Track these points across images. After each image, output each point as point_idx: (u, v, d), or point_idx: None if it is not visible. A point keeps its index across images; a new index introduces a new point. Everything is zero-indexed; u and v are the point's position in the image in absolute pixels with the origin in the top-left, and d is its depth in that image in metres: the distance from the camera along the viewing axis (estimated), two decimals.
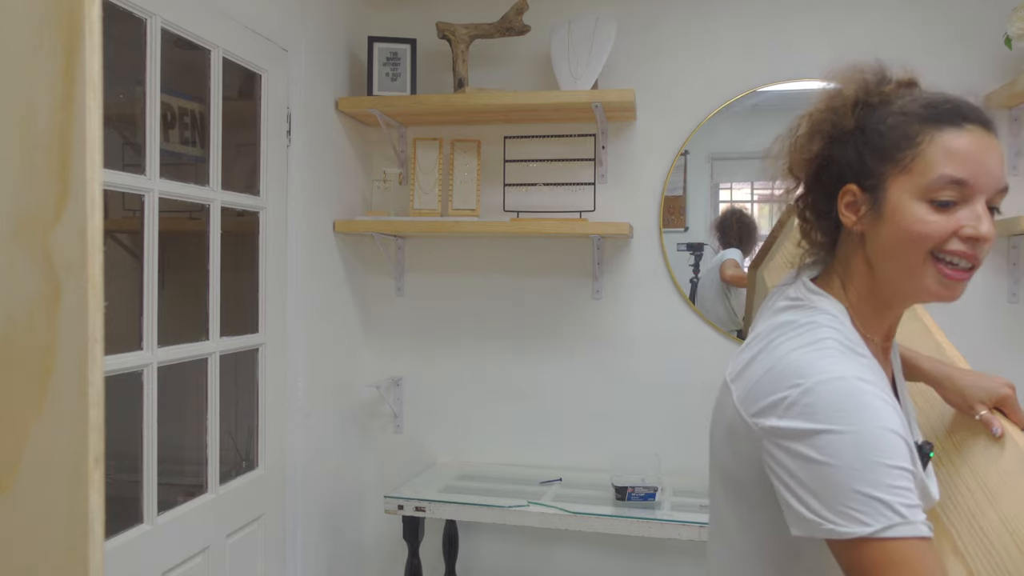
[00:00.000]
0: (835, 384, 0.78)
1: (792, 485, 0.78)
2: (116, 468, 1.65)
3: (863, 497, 0.73)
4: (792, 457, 0.78)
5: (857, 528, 0.72)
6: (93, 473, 0.61)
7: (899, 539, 0.71)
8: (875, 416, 0.76)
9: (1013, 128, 2.25)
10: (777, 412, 0.80)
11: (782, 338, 0.86)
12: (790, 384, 0.80)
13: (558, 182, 2.54)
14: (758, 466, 0.83)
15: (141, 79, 1.63)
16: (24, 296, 0.61)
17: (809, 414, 0.77)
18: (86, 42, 0.61)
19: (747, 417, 0.84)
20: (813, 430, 0.76)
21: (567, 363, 2.56)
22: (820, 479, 0.75)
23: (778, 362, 0.83)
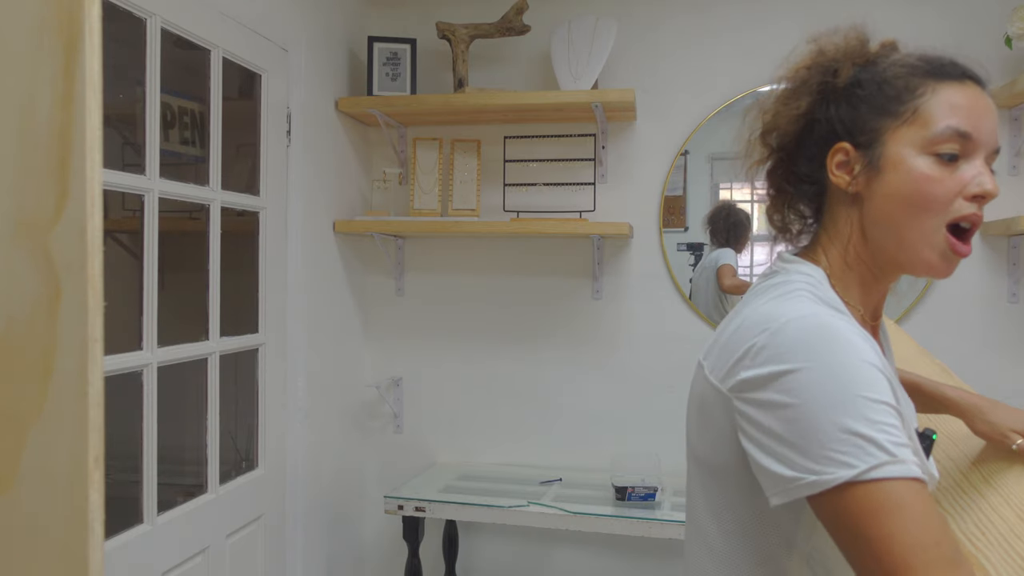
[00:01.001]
0: (805, 321, 0.71)
1: (765, 442, 0.69)
2: (116, 468, 1.65)
3: (843, 435, 0.64)
4: (762, 409, 0.70)
5: (840, 472, 0.63)
6: (93, 473, 0.61)
7: (888, 479, 0.62)
8: (850, 348, 0.69)
9: (1013, 128, 2.25)
10: (744, 363, 0.73)
11: (751, 302, 0.82)
12: (758, 331, 0.73)
13: (558, 182, 2.54)
14: (735, 443, 0.75)
15: (141, 79, 1.63)
16: (24, 296, 0.61)
17: (777, 356, 0.70)
18: (86, 42, 0.61)
19: (717, 384, 0.77)
20: (781, 371, 0.69)
21: (567, 363, 2.55)
22: (793, 425, 0.66)
23: (745, 319, 0.77)
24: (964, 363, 2.30)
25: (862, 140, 0.81)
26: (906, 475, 0.63)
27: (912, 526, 0.62)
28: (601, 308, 2.54)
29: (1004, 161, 2.27)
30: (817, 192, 0.88)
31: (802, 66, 0.86)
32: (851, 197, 0.83)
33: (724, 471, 0.78)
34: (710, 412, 0.79)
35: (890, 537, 0.62)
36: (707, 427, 0.80)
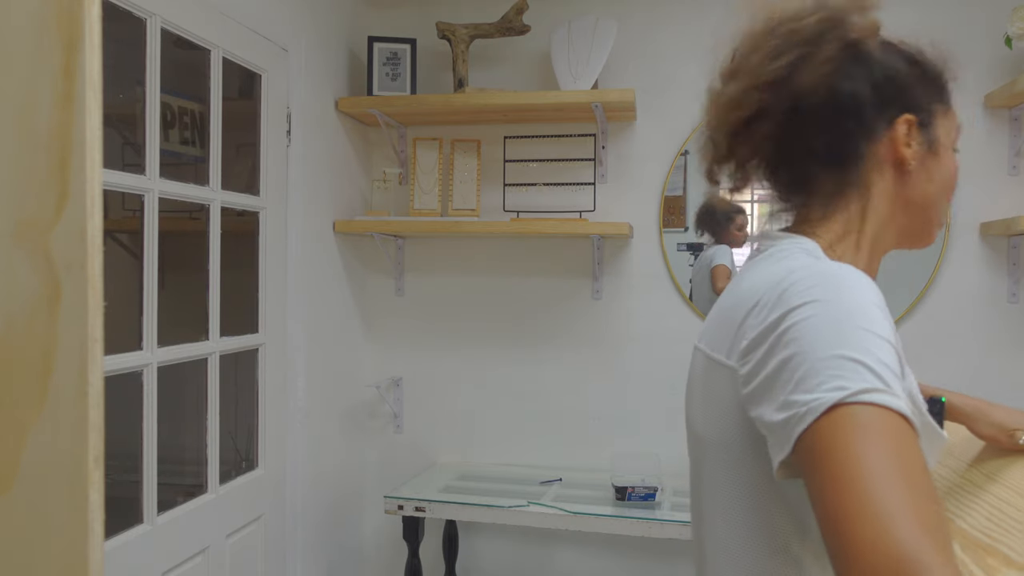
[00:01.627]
0: (809, 268, 0.68)
1: (767, 395, 0.64)
2: (116, 468, 1.65)
3: (839, 360, 0.59)
4: (765, 360, 0.65)
5: (831, 394, 0.57)
6: (93, 473, 0.61)
7: (880, 406, 0.56)
8: (856, 288, 0.64)
9: (1013, 128, 2.25)
10: (749, 324, 0.69)
11: (747, 276, 0.77)
12: (761, 293, 0.69)
13: (558, 182, 2.54)
14: (743, 422, 0.69)
15: (141, 79, 1.63)
16: (24, 296, 0.61)
17: (781, 303, 0.66)
18: (86, 41, 0.61)
19: (722, 360, 0.73)
20: (782, 315, 0.64)
21: (567, 363, 2.55)
22: (793, 365, 0.61)
23: (743, 291, 0.74)
24: (964, 363, 2.31)
25: (923, 118, 0.78)
26: (900, 410, 0.56)
27: (895, 463, 0.54)
28: (601, 308, 2.54)
29: (1004, 161, 2.27)
30: (842, 164, 0.79)
31: (814, 15, 0.77)
32: (895, 173, 0.79)
33: (733, 454, 0.72)
34: (716, 392, 0.74)
35: (868, 474, 0.53)
36: (713, 408, 0.75)
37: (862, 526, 0.51)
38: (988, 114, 2.27)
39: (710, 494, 0.77)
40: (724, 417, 0.73)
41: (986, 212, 2.26)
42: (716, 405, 0.74)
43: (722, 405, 0.73)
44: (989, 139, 2.27)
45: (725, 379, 0.72)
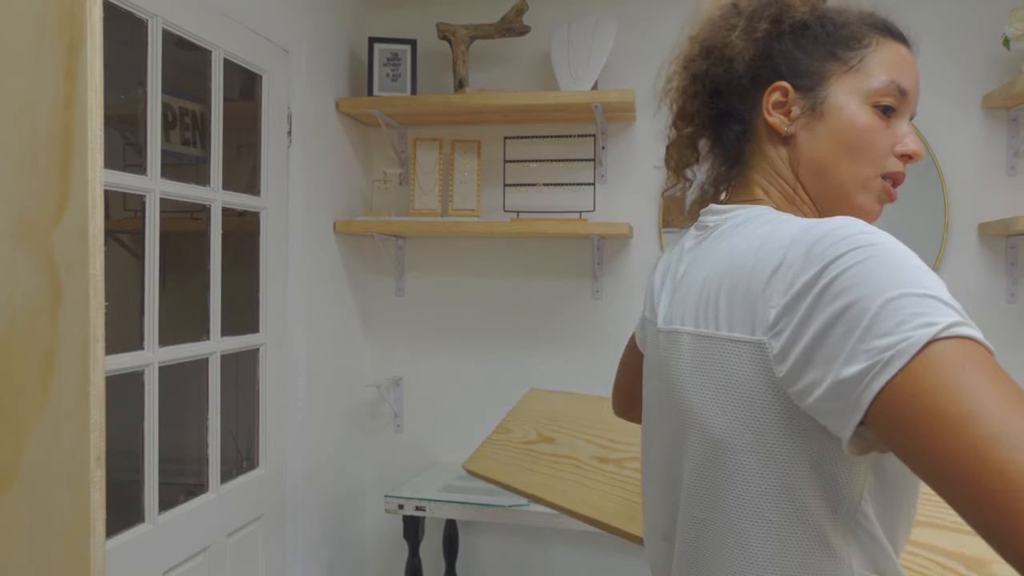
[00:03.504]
0: (832, 221, 0.64)
1: (825, 353, 0.58)
2: (117, 468, 1.66)
3: (913, 298, 0.55)
4: (817, 317, 0.59)
5: (921, 331, 0.53)
6: (94, 472, 0.61)
7: (971, 338, 0.54)
8: (885, 233, 0.62)
9: (1011, 129, 2.25)
10: (775, 288, 0.64)
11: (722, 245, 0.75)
12: (778, 252, 0.65)
13: (558, 182, 2.55)
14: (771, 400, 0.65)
15: (142, 80, 1.63)
16: (26, 296, 0.62)
17: (815, 258, 0.61)
18: (87, 43, 0.61)
19: (738, 336, 0.67)
20: (819, 270, 0.60)
21: (567, 363, 2.56)
22: (852, 319, 0.57)
23: (740, 256, 0.70)
24: None
25: (804, 83, 0.79)
26: (982, 340, 0.55)
27: (1009, 388, 0.52)
28: (601, 308, 2.54)
29: (1002, 162, 2.27)
30: (742, 132, 0.83)
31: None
32: (781, 138, 0.80)
33: (761, 439, 0.66)
34: (730, 374, 0.68)
35: (993, 404, 0.50)
36: (729, 393, 0.69)
37: (1010, 454, 0.47)
38: (986, 115, 2.28)
39: (723, 487, 0.70)
40: (748, 401, 0.66)
41: (984, 212, 2.27)
42: (734, 389, 0.68)
43: (744, 388, 0.67)
44: (987, 140, 2.28)
45: (745, 357, 0.66)
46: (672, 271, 0.86)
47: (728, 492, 0.69)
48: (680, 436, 0.76)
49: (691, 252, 0.82)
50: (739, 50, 0.80)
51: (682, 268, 0.82)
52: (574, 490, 1.82)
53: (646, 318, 0.94)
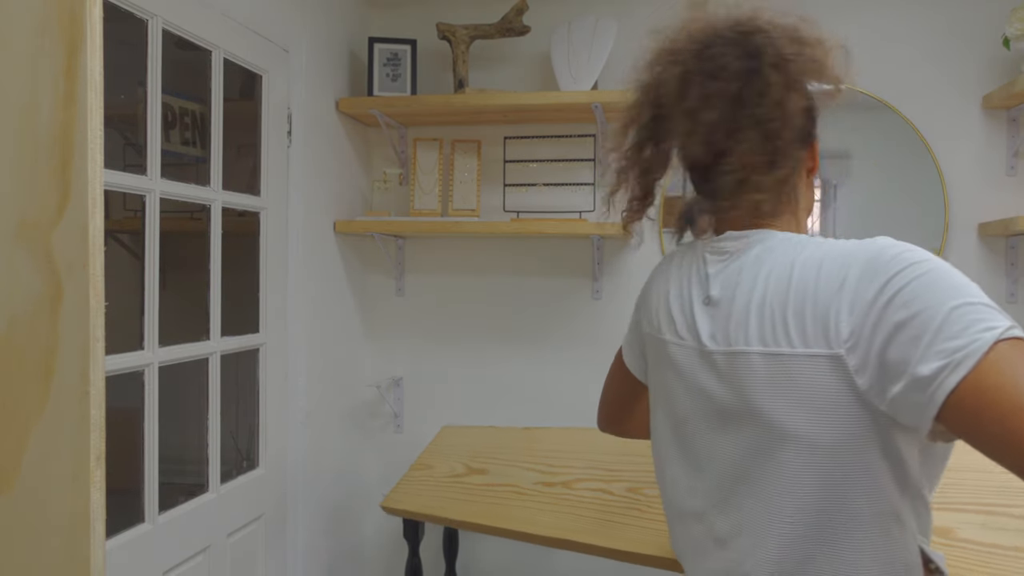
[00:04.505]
0: (878, 241, 0.76)
1: (901, 356, 0.68)
2: (117, 467, 1.65)
3: (973, 307, 0.67)
4: (887, 326, 0.70)
5: (987, 335, 0.64)
6: (94, 472, 0.61)
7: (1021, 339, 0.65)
8: (936, 256, 0.74)
9: (1011, 129, 2.25)
10: (841, 306, 0.73)
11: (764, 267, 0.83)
12: (837, 273, 0.75)
13: (558, 182, 2.55)
14: (850, 403, 0.74)
15: (142, 80, 1.63)
16: (26, 296, 0.62)
17: (875, 275, 0.72)
18: (87, 43, 0.61)
19: (812, 351, 0.75)
20: (882, 285, 0.71)
21: (567, 363, 2.56)
22: (922, 324, 0.67)
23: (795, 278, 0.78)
24: None
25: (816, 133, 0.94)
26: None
27: None
28: (601, 308, 2.54)
29: (1002, 162, 2.27)
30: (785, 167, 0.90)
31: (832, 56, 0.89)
32: (808, 178, 0.95)
33: (844, 443, 0.75)
34: (809, 385, 0.75)
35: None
36: (810, 402, 0.76)
37: None
38: (986, 115, 2.28)
39: (815, 486, 0.77)
40: (834, 409, 0.74)
41: (984, 212, 2.27)
42: (818, 400, 0.75)
43: (828, 397, 0.74)
44: (987, 140, 2.28)
45: (825, 369, 0.74)
46: (693, 294, 0.91)
47: (821, 490, 0.76)
48: (757, 446, 0.81)
49: (719, 276, 0.88)
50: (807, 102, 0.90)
51: (715, 292, 0.87)
52: (521, 514, 1.84)
53: (656, 337, 0.98)
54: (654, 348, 1.00)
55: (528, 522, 1.80)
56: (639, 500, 1.78)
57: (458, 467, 2.13)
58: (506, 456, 2.10)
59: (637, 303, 1.11)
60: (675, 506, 0.95)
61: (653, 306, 1.00)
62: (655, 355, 1.00)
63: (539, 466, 2.02)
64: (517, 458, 2.08)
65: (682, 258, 0.98)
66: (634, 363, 1.13)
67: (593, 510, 1.79)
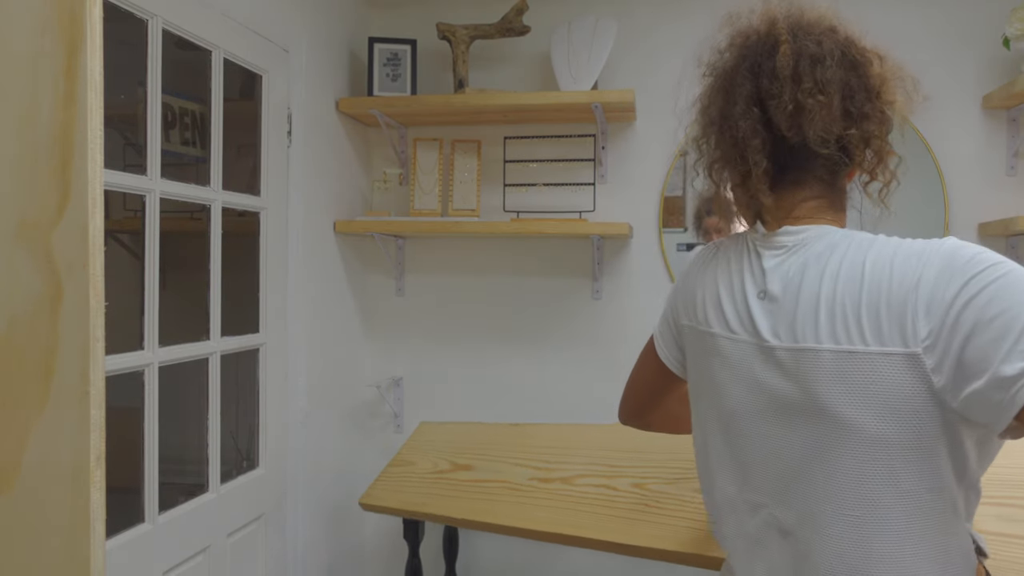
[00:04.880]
0: (950, 241, 0.78)
1: (982, 355, 0.70)
2: (117, 467, 1.65)
3: None
4: (955, 332, 0.72)
5: None
6: (94, 472, 0.61)
7: None
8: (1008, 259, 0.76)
9: (1011, 129, 2.26)
10: (919, 306, 0.75)
11: (832, 263, 0.84)
12: (913, 272, 0.77)
13: (558, 182, 2.55)
14: (925, 402, 0.76)
15: (142, 80, 1.63)
16: (26, 296, 0.62)
17: (954, 275, 0.74)
18: (87, 43, 0.61)
19: (888, 349, 0.76)
20: (962, 285, 0.73)
21: (567, 363, 2.56)
22: (1007, 324, 0.69)
23: (868, 276, 0.79)
24: None
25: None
26: None
27: None
28: (601, 308, 2.54)
29: (1002, 162, 2.27)
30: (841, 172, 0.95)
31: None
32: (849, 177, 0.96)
33: (913, 441, 0.77)
34: (882, 383, 0.77)
35: None
36: (882, 399, 0.77)
37: None
38: (986, 115, 2.28)
39: (881, 479, 0.79)
40: (907, 407, 0.76)
41: (984, 212, 2.27)
42: (891, 397, 0.77)
43: (902, 395, 0.76)
44: (987, 140, 2.28)
45: (901, 368, 0.76)
46: (746, 288, 0.91)
47: (885, 483, 0.79)
48: (822, 441, 0.83)
49: (777, 271, 0.88)
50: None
51: (773, 287, 0.87)
52: (516, 511, 1.80)
53: (699, 330, 0.98)
54: (697, 341, 1.00)
55: (524, 518, 1.76)
56: (647, 496, 1.72)
57: (442, 463, 2.09)
58: (494, 452, 2.07)
59: (672, 295, 1.11)
60: (724, 498, 0.96)
61: (697, 298, 0.99)
62: (698, 348, 1.00)
63: (533, 462, 1.98)
64: (506, 454, 2.05)
65: (728, 251, 0.97)
66: (668, 355, 1.12)
67: (599, 506, 1.76)
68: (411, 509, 1.95)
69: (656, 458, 1.81)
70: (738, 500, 0.94)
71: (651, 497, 1.72)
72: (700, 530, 1.58)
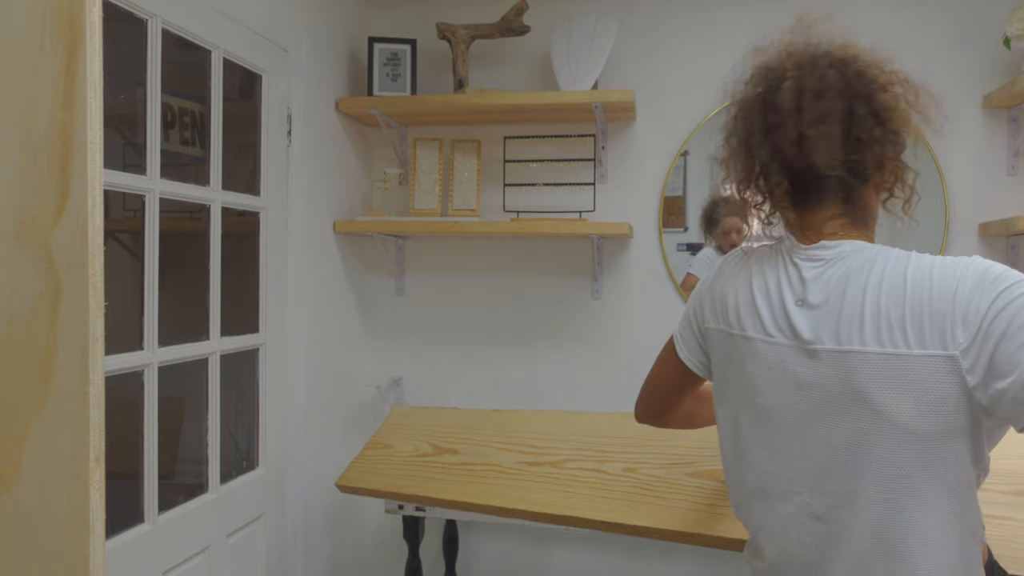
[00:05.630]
0: (977, 259, 0.90)
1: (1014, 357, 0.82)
2: (117, 468, 1.66)
3: None
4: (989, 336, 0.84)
5: None
6: (94, 472, 0.61)
7: None
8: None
9: (1012, 128, 2.26)
10: (956, 314, 0.86)
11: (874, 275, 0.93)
12: (951, 284, 0.88)
13: (558, 182, 2.55)
14: (958, 399, 0.87)
15: (142, 79, 1.63)
16: (25, 296, 0.62)
17: (987, 289, 0.86)
18: (87, 42, 0.61)
19: (934, 352, 0.87)
20: (994, 297, 0.85)
21: (567, 363, 2.56)
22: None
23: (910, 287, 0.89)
24: None
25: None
26: None
27: None
28: (601, 308, 2.54)
29: (1002, 162, 2.27)
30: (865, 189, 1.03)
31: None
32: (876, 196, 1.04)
33: (945, 431, 0.88)
34: (920, 381, 0.87)
35: None
36: (920, 397, 0.88)
37: None
38: (987, 115, 2.28)
39: (915, 466, 0.90)
40: (944, 403, 0.87)
41: (985, 212, 2.27)
42: (930, 395, 0.88)
43: (940, 393, 0.87)
44: (988, 140, 2.28)
45: (941, 369, 0.87)
46: (784, 296, 1.00)
47: (920, 470, 0.90)
48: (860, 433, 0.92)
49: (818, 281, 0.97)
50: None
51: (815, 296, 0.96)
52: (510, 492, 1.76)
53: (731, 333, 1.06)
54: (726, 343, 1.07)
55: (520, 499, 1.71)
56: (640, 480, 1.71)
57: (423, 447, 2.02)
58: (477, 437, 2.01)
59: (697, 299, 1.16)
60: (756, 487, 1.04)
61: (729, 303, 1.06)
62: (728, 350, 1.07)
63: (519, 447, 1.93)
64: (491, 439, 1.99)
65: (761, 260, 1.06)
66: (691, 357, 1.18)
67: (593, 489, 1.71)
68: (395, 491, 1.88)
69: (643, 444, 1.79)
70: (771, 489, 1.01)
71: (644, 482, 1.71)
72: (700, 511, 1.58)
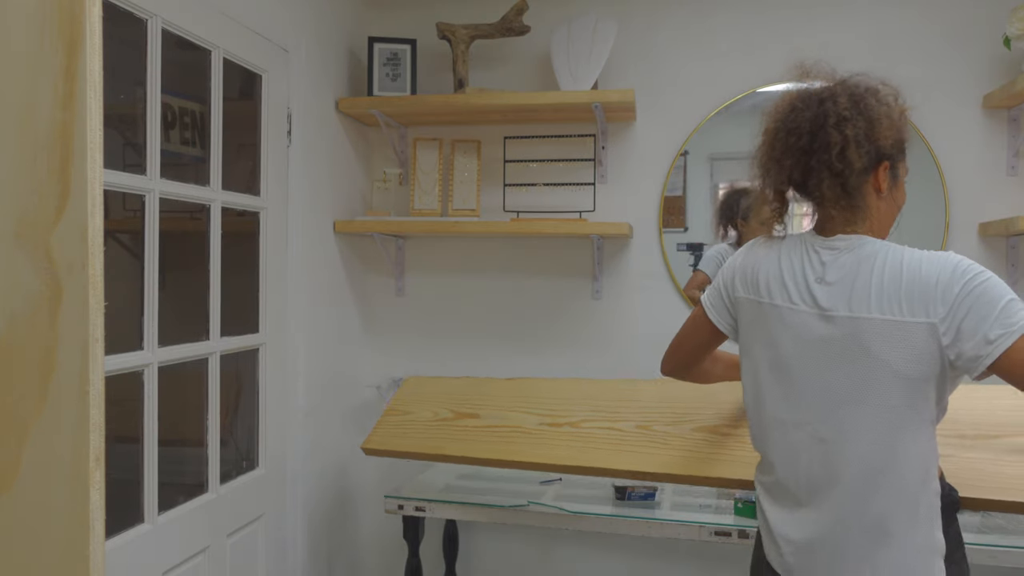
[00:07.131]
0: (952, 254, 1.19)
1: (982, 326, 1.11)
2: (116, 468, 1.65)
3: (1017, 303, 1.12)
4: (958, 314, 1.13)
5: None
6: (94, 473, 0.61)
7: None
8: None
9: (1012, 128, 2.25)
10: (938, 294, 1.15)
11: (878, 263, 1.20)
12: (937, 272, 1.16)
13: (558, 182, 2.55)
14: (934, 355, 1.15)
15: (142, 79, 1.63)
16: (25, 296, 0.62)
17: (959, 277, 1.14)
18: (87, 42, 0.61)
19: (922, 320, 1.15)
20: (964, 284, 1.14)
21: (567, 363, 2.56)
22: (987, 310, 1.12)
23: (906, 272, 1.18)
24: None
25: (891, 164, 1.28)
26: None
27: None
28: (601, 308, 2.54)
29: (1002, 162, 2.27)
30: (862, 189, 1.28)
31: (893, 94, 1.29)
32: (878, 195, 1.29)
33: (922, 375, 1.17)
34: (913, 342, 1.16)
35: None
36: (912, 352, 1.16)
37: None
38: (987, 114, 2.28)
39: (903, 402, 1.19)
40: (926, 356, 1.16)
41: (985, 212, 2.27)
42: (916, 350, 1.16)
43: (923, 349, 1.16)
44: (988, 139, 2.28)
45: (924, 332, 1.16)
46: (807, 274, 1.27)
47: (902, 405, 1.19)
48: (864, 376, 1.21)
49: (834, 264, 1.25)
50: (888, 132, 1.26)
51: (832, 276, 1.24)
52: (536, 450, 1.86)
53: (759, 302, 1.33)
54: (753, 309, 1.34)
55: (546, 455, 1.83)
56: (653, 435, 1.84)
57: (443, 412, 2.07)
58: (496, 403, 2.06)
59: (728, 273, 1.43)
60: (773, 419, 1.31)
61: (760, 277, 1.33)
62: (755, 314, 1.34)
63: (538, 410, 2.00)
64: (509, 404, 2.04)
65: (789, 247, 1.32)
66: (721, 320, 1.45)
67: (611, 444, 1.84)
68: (424, 451, 1.95)
69: (652, 405, 1.91)
70: (786, 421, 1.29)
71: (657, 436, 1.83)
72: (703, 459, 1.74)
